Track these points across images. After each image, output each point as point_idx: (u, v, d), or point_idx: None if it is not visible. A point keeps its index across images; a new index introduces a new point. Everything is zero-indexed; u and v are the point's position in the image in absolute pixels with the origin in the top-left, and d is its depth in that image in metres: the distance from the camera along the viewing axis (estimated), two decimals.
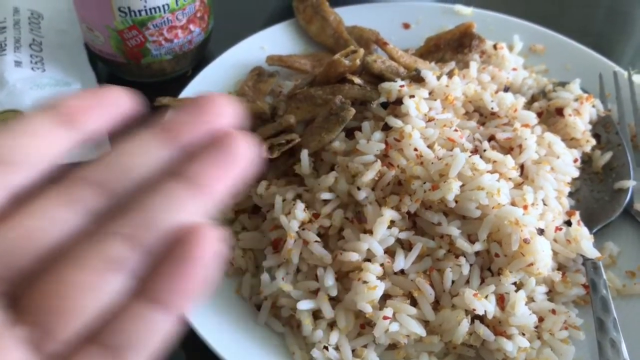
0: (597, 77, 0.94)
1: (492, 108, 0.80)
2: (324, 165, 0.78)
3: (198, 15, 0.96)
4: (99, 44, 0.95)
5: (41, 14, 1.03)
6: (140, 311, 0.29)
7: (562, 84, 0.90)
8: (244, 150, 0.32)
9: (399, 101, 0.76)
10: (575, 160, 0.81)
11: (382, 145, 0.73)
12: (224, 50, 0.97)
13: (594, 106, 0.87)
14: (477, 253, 0.70)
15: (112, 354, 0.29)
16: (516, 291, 0.67)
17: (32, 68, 0.93)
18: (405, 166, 0.72)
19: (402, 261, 0.69)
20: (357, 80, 0.82)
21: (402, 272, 0.70)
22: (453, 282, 0.69)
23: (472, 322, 0.67)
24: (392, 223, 0.70)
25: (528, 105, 0.88)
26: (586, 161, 0.86)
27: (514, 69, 0.93)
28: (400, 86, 0.77)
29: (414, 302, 0.68)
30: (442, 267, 0.69)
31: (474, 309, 0.66)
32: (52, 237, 0.29)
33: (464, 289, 0.67)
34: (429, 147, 0.73)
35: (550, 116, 0.86)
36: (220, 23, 1.07)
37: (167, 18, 0.91)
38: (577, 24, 1.20)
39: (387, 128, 0.75)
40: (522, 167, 0.77)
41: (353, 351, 0.67)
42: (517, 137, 0.77)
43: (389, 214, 0.69)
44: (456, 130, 0.75)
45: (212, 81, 0.93)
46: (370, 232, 0.69)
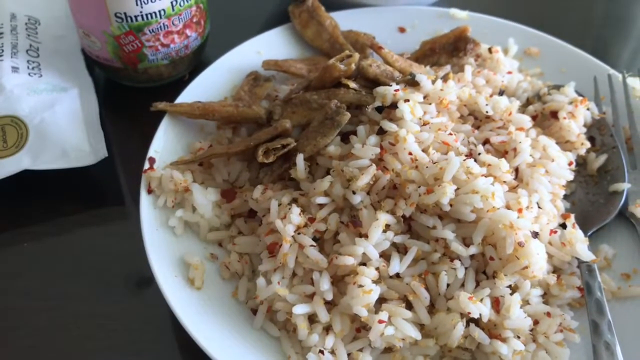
0: (591, 80, 0.94)
1: (486, 111, 0.81)
2: (320, 169, 0.79)
3: (194, 20, 0.96)
4: (96, 49, 0.95)
5: (38, 20, 1.03)
6: None
7: (557, 87, 0.90)
8: None
9: (393, 105, 0.77)
10: (570, 163, 0.81)
11: (377, 150, 0.73)
12: (221, 55, 0.97)
13: (588, 109, 0.88)
14: (472, 256, 0.70)
15: None
16: (511, 294, 0.68)
17: (29, 74, 0.93)
18: (400, 170, 0.72)
19: (397, 265, 0.69)
20: (352, 84, 0.82)
21: (398, 275, 0.70)
22: (448, 285, 0.69)
23: (467, 325, 0.68)
24: (387, 227, 0.70)
25: (523, 109, 0.88)
26: (581, 164, 0.86)
27: (509, 73, 0.93)
28: (395, 90, 0.78)
29: (410, 306, 0.69)
30: (437, 270, 0.69)
31: (469, 312, 0.66)
32: None
33: (459, 292, 0.67)
34: (423, 151, 0.73)
35: (545, 119, 0.86)
36: (217, 28, 1.07)
37: (163, 23, 0.92)
38: (574, 27, 1.20)
39: (382, 132, 0.75)
40: (516, 170, 0.77)
41: (349, 355, 0.68)
42: (512, 141, 0.77)
43: (384, 217, 0.69)
44: (451, 134, 0.75)
45: (208, 86, 0.93)
46: (366, 236, 0.69)
